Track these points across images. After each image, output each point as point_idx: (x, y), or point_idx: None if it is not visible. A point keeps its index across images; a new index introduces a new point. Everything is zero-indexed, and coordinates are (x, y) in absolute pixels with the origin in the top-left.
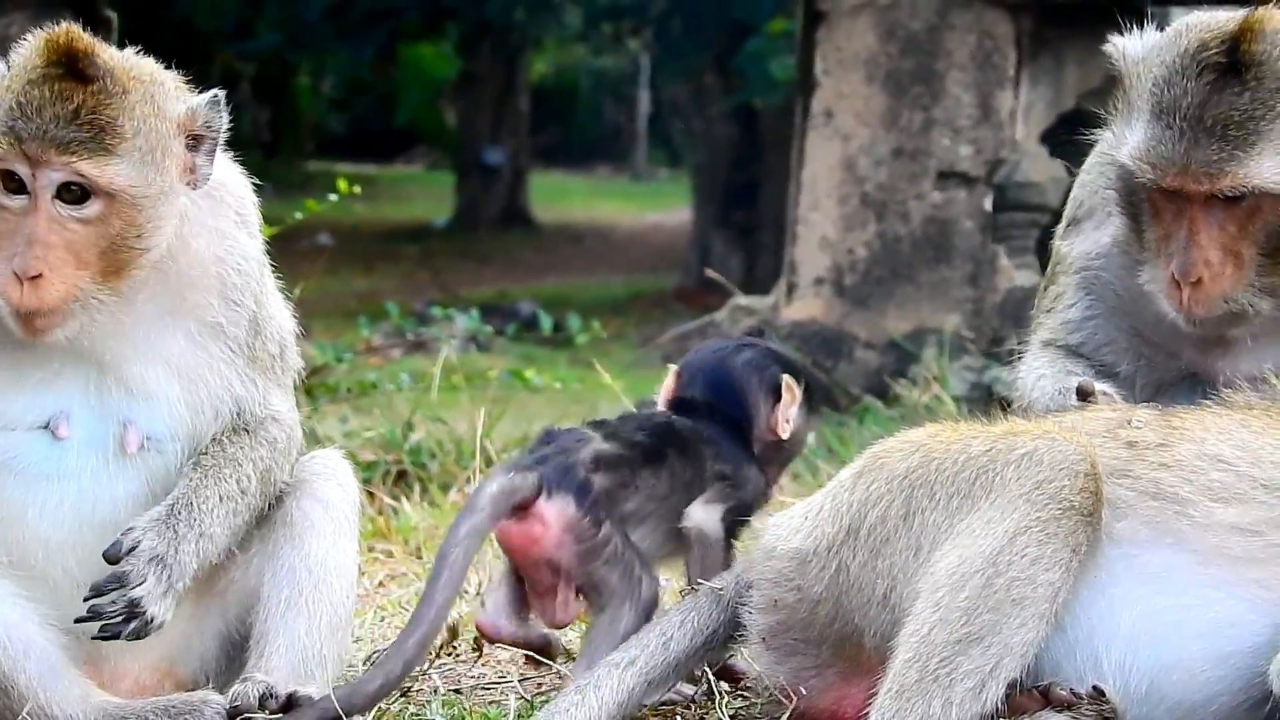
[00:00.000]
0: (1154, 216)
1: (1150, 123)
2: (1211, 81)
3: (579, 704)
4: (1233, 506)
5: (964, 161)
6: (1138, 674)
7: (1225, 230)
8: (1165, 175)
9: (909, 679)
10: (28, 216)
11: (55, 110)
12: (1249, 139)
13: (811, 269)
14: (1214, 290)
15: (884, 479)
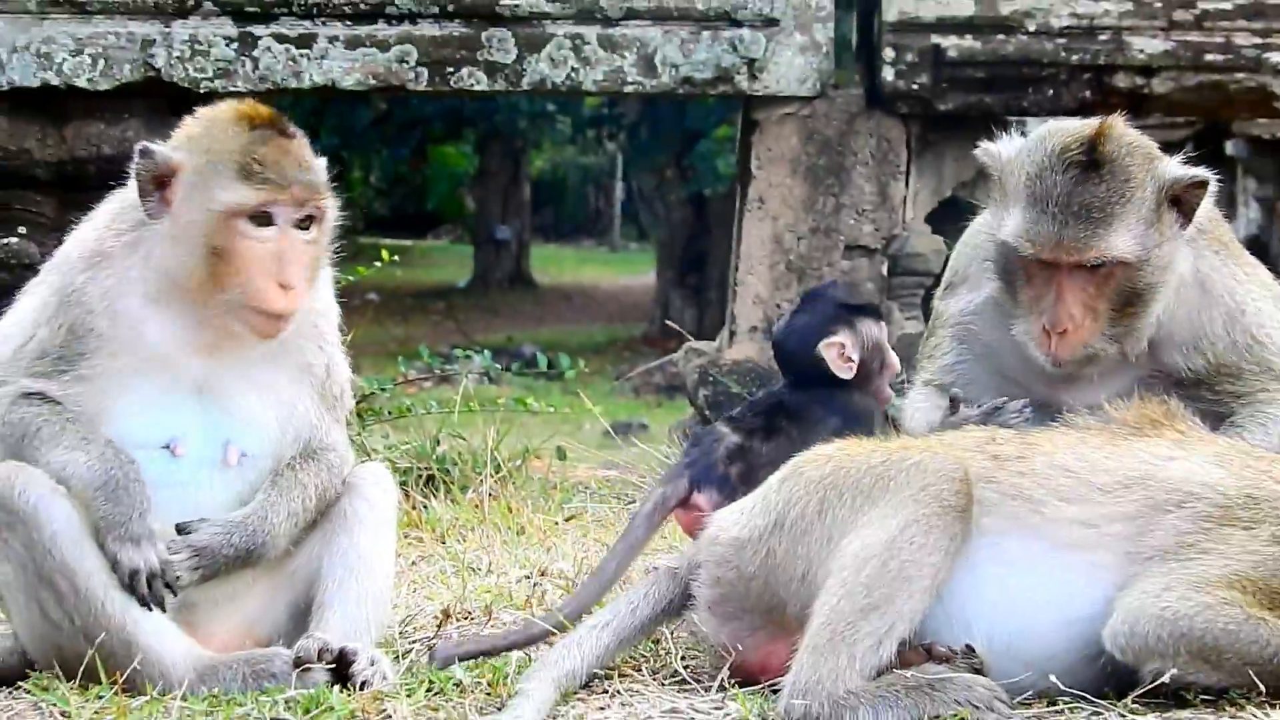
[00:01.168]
0: (1028, 282)
1: (1027, 209)
2: (1076, 176)
3: (566, 657)
4: (1075, 505)
5: (866, 237)
6: (1000, 636)
7: (1086, 291)
8: (1043, 250)
9: (822, 639)
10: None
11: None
12: (1107, 220)
13: (747, 320)
14: (1076, 339)
15: (803, 483)
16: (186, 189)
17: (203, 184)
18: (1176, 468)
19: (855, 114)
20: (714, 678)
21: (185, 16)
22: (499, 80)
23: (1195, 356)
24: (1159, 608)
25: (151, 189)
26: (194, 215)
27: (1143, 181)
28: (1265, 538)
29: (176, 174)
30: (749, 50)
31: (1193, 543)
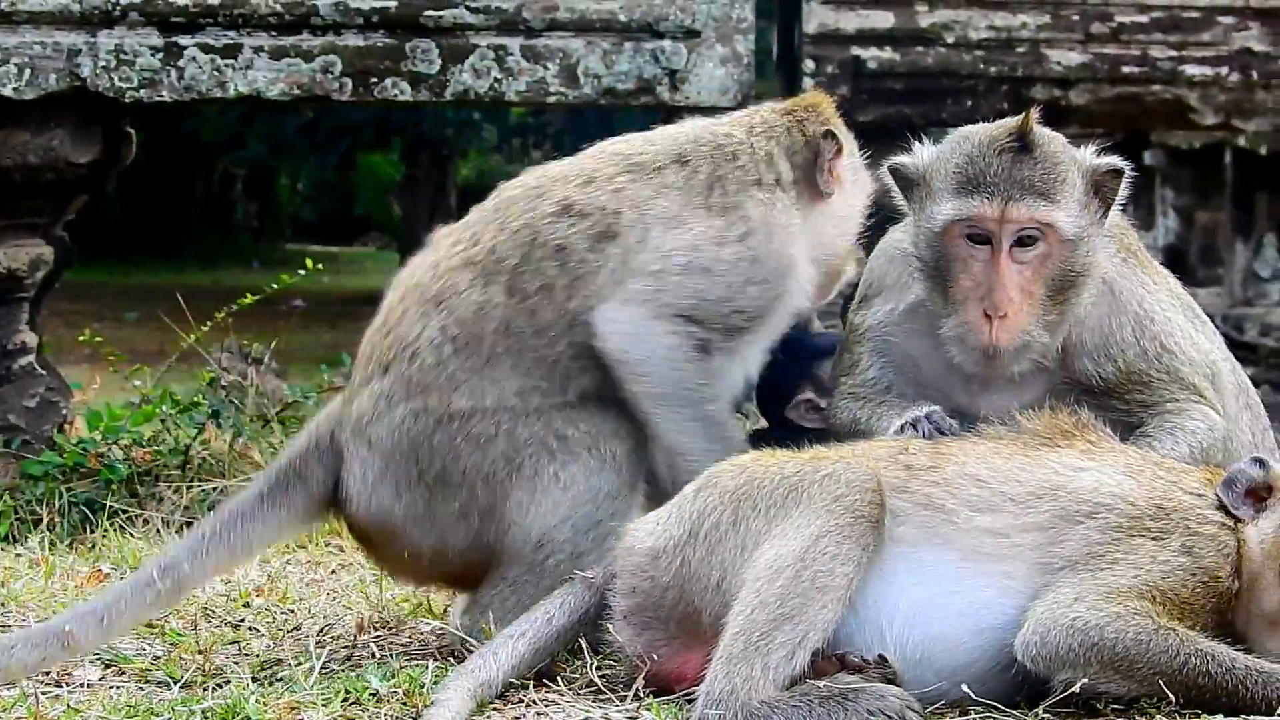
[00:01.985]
0: (964, 270)
1: (962, 190)
2: (1011, 158)
3: (482, 667)
4: (987, 515)
5: None
6: (913, 645)
7: (1023, 274)
8: (988, 213)
9: (736, 648)
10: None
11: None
12: (1050, 193)
13: None
14: (1015, 323)
15: (718, 493)
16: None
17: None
18: (1087, 478)
19: None
20: (629, 687)
21: (111, 26)
22: (423, 91)
23: (1106, 364)
24: (1070, 618)
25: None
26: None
27: (1070, 167)
28: (1174, 548)
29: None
30: (670, 61)
31: (1103, 553)
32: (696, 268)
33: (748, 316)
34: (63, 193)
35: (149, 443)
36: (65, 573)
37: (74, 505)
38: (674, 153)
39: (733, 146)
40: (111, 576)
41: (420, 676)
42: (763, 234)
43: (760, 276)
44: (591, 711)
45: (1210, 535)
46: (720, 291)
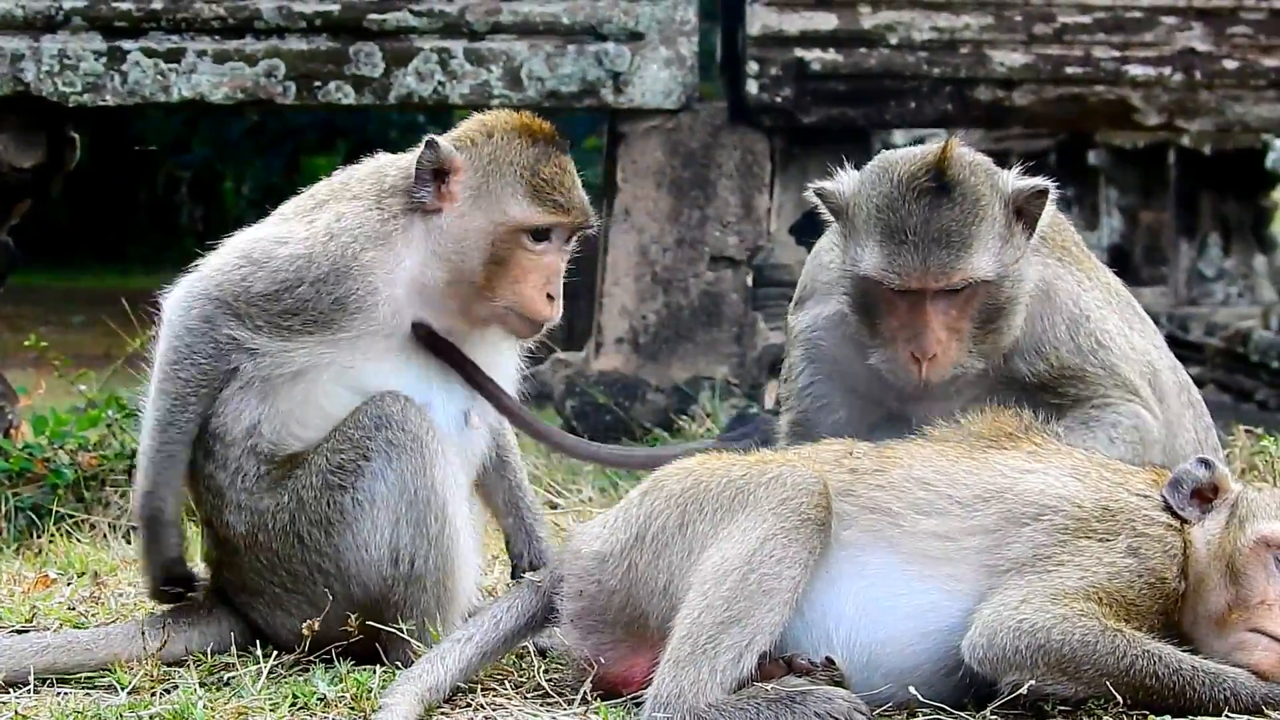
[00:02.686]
0: (890, 312)
1: (884, 242)
2: (928, 202)
3: (429, 671)
4: (932, 518)
5: (731, 249)
6: (860, 648)
7: (949, 315)
8: (910, 280)
9: (683, 652)
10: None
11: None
12: (967, 242)
13: (614, 331)
14: (945, 361)
15: (664, 497)
16: (474, 187)
17: (488, 194)
18: (1033, 481)
19: (719, 127)
20: (577, 690)
21: (54, 31)
22: (366, 94)
23: (1038, 361)
24: (1016, 620)
25: (429, 177)
26: (477, 223)
27: (991, 199)
28: (1121, 549)
29: (456, 171)
30: (614, 64)
31: (1050, 555)
32: (248, 259)
33: (302, 315)
34: (5, 197)
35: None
36: (12, 578)
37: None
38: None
39: (370, 167)
40: (58, 582)
41: (368, 681)
42: (324, 237)
43: (313, 277)
44: (539, 715)
45: (1157, 537)
46: (263, 286)
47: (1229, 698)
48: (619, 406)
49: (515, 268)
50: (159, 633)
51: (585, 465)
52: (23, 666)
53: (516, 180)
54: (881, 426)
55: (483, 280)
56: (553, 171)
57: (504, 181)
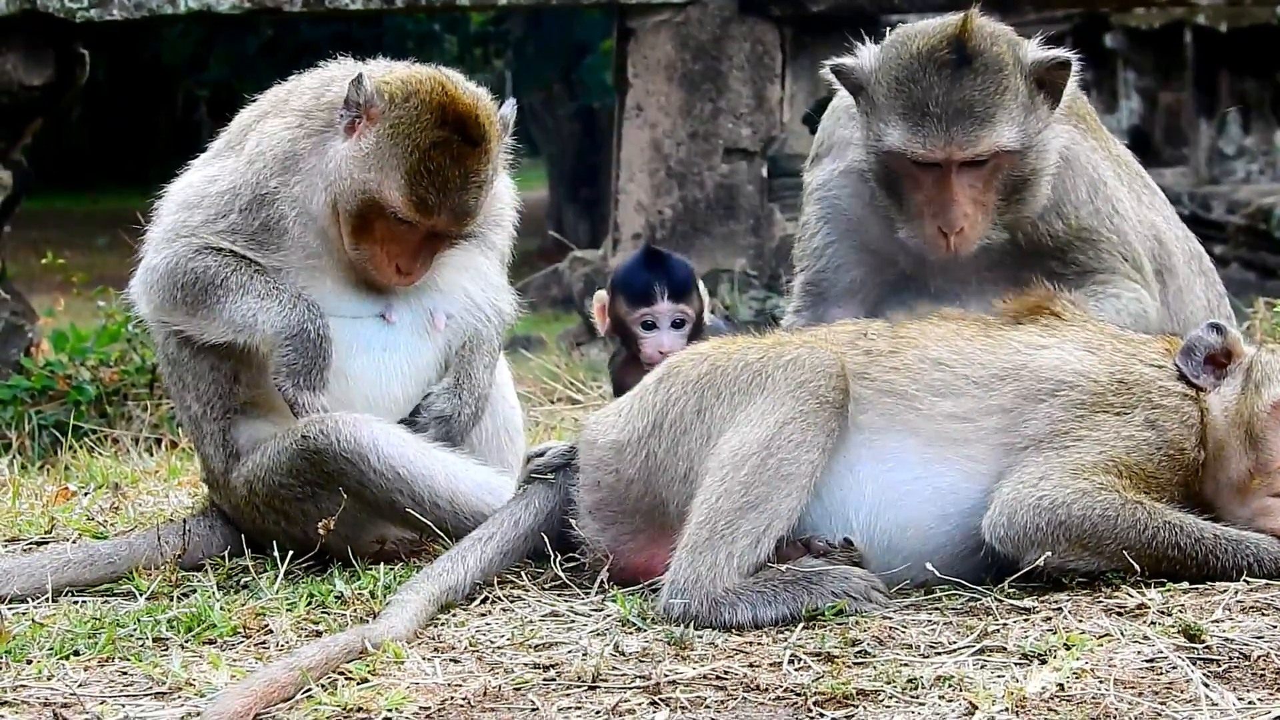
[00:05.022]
0: (915, 187)
1: (907, 116)
2: (950, 74)
3: (449, 570)
4: (949, 399)
5: (744, 140)
6: (880, 532)
7: (974, 187)
8: (935, 152)
9: (700, 537)
10: None
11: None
12: (990, 112)
13: (630, 227)
14: (971, 234)
15: (680, 383)
16: (372, 143)
17: (378, 157)
18: (1048, 356)
19: (729, 19)
20: (594, 581)
21: None
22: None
23: (1057, 221)
24: (1036, 497)
25: (353, 108)
26: (357, 176)
27: (1013, 69)
28: (1138, 422)
29: (370, 118)
30: None
31: (1067, 430)
32: (184, 205)
33: (243, 234)
34: (17, 117)
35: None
36: (34, 493)
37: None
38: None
39: (320, 78)
40: (78, 495)
41: (385, 579)
42: (244, 165)
43: (240, 206)
44: (557, 605)
45: (1173, 407)
46: (201, 218)
47: (1252, 564)
48: None
49: (377, 230)
50: (178, 540)
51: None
52: (43, 582)
53: (403, 159)
54: (896, 285)
55: (348, 228)
56: (440, 164)
57: (393, 153)
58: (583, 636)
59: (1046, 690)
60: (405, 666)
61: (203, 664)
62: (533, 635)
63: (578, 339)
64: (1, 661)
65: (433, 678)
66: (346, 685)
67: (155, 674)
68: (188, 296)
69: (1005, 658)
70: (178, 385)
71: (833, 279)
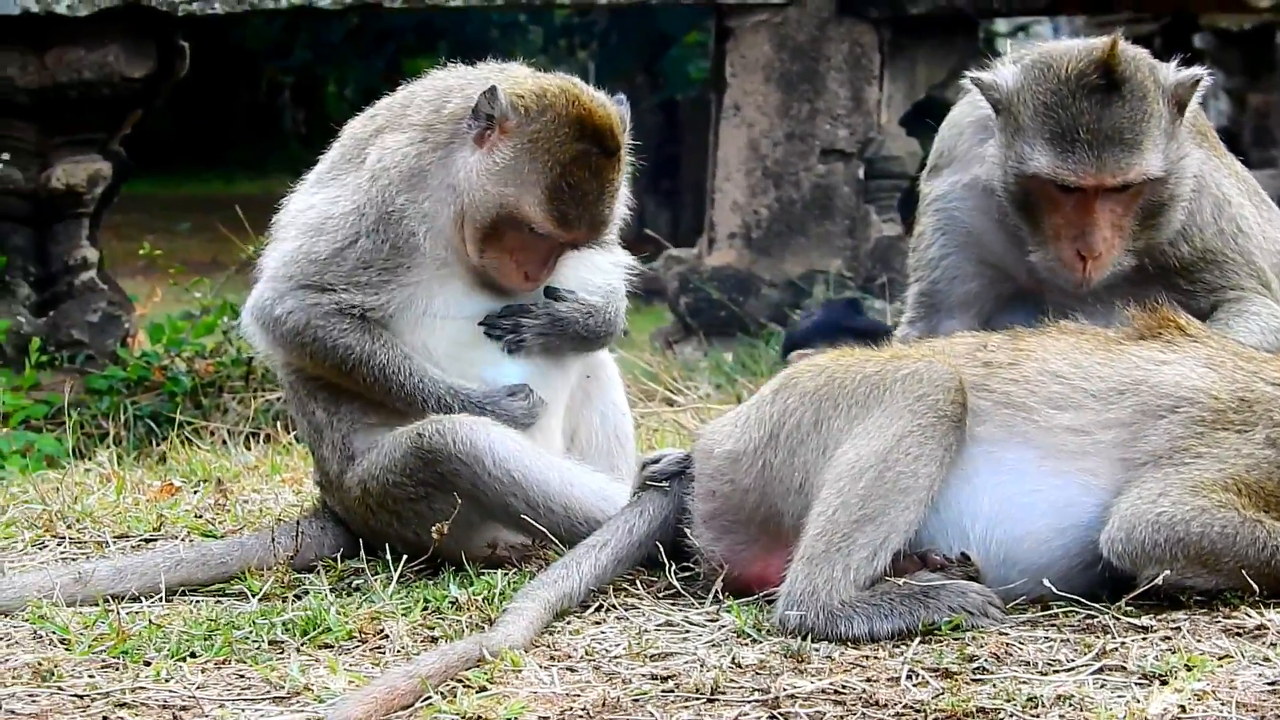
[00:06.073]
0: (1053, 210)
1: (1056, 140)
2: (1099, 100)
3: (564, 577)
4: (1067, 412)
5: (841, 141)
6: (996, 544)
7: (1114, 212)
8: (1084, 179)
9: (818, 549)
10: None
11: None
12: (1138, 140)
13: (726, 227)
14: (1108, 259)
15: (798, 394)
16: (508, 157)
17: (515, 171)
18: (1168, 372)
19: (827, 20)
20: (708, 591)
21: None
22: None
23: (1182, 243)
24: (1155, 513)
25: (484, 119)
26: (491, 190)
27: (1155, 94)
28: (1259, 440)
29: (503, 130)
30: None
31: (1186, 447)
32: (307, 230)
33: (374, 266)
34: (118, 108)
35: (211, 354)
36: (136, 486)
37: (139, 419)
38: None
39: (437, 89)
40: (183, 490)
41: (499, 584)
42: (368, 182)
43: (367, 228)
44: (671, 615)
45: None
46: (327, 249)
47: None
48: (732, 302)
49: (508, 240)
50: (291, 541)
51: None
52: (156, 581)
53: (542, 174)
54: (1011, 299)
55: (476, 237)
56: (580, 178)
57: (531, 168)
58: (699, 647)
59: (1168, 712)
60: (523, 675)
61: (320, 668)
62: (648, 645)
63: (670, 337)
64: (120, 662)
65: (550, 687)
66: (465, 693)
67: (273, 678)
68: (327, 362)
69: (1125, 677)
70: (302, 394)
71: (947, 290)
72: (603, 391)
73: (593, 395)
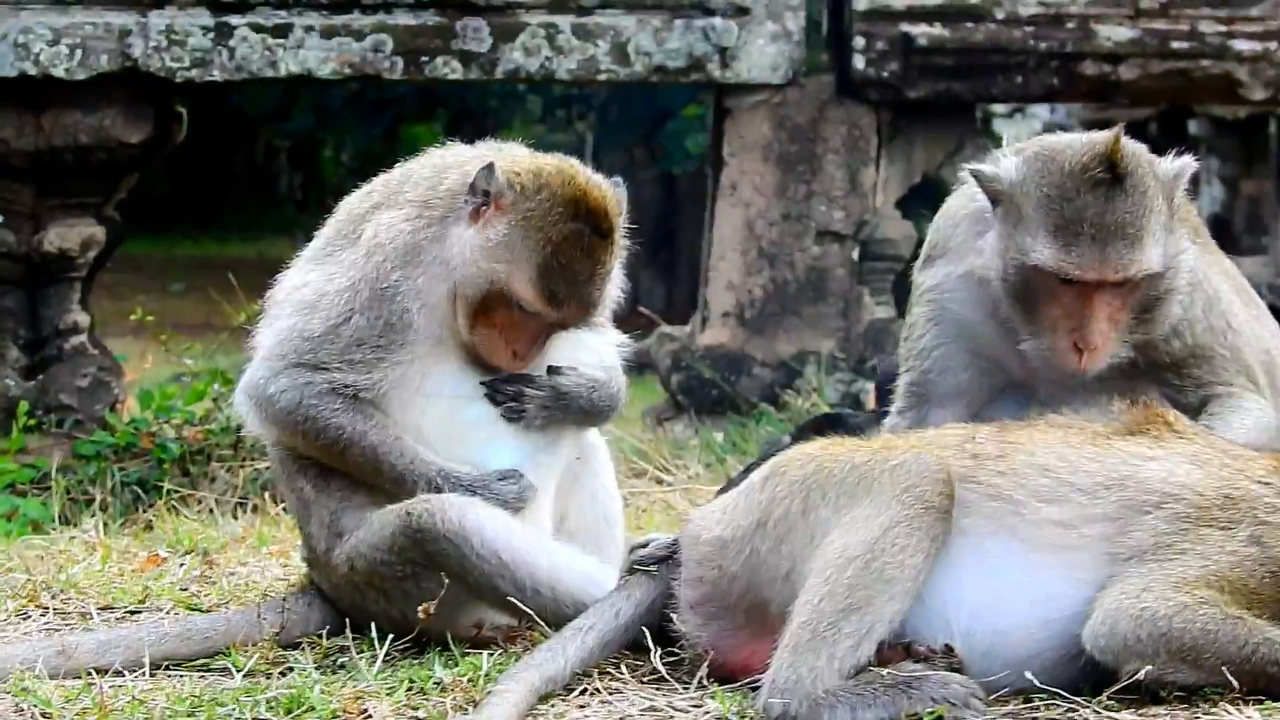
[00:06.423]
0: (1051, 303)
1: (1058, 233)
2: (1104, 193)
3: (550, 660)
4: (1054, 506)
5: (837, 223)
6: (980, 636)
7: (1112, 305)
8: (1086, 273)
9: (802, 638)
10: None
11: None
12: (1140, 235)
13: (720, 305)
14: (1104, 352)
15: (786, 483)
16: (501, 234)
17: (508, 248)
18: (1155, 468)
19: (826, 101)
20: (693, 676)
21: (162, 7)
22: (474, 69)
23: (1174, 339)
24: (1138, 608)
25: (480, 195)
26: (484, 266)
27: (1155, 189)
28: (1242, 538)
29: (499, 207)
30: (721, 39)
31: (1171, 543)
32: (300, 306)
33: (368, 344)
34: (114, 172)
35: (201, 422)
36: (122, 555)
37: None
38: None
39: (434, 165)
40: (169, 560)
41: (484, 665)
42: (363, 258)
43: (360, 304)
44: (655, 700)
45: (1278, 524)
46: (321, 326)
47: None
48: (725, 381)
49: (498, 317)
50: (276, 617)
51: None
52: (140, 655)
53: (534, 252)
54: (1003, 392)
55: (467, 312)
56: (571, 258)
57: (524, 246)
58: None
59: None
60: None
61: None
62: None
63: (661, 415)
64: None
65: None
66: None
67: None
68: (319, 442)
69: None
70: (291, 470)
71: (938, 381)
72: (593, 474)
73: (582, 478)
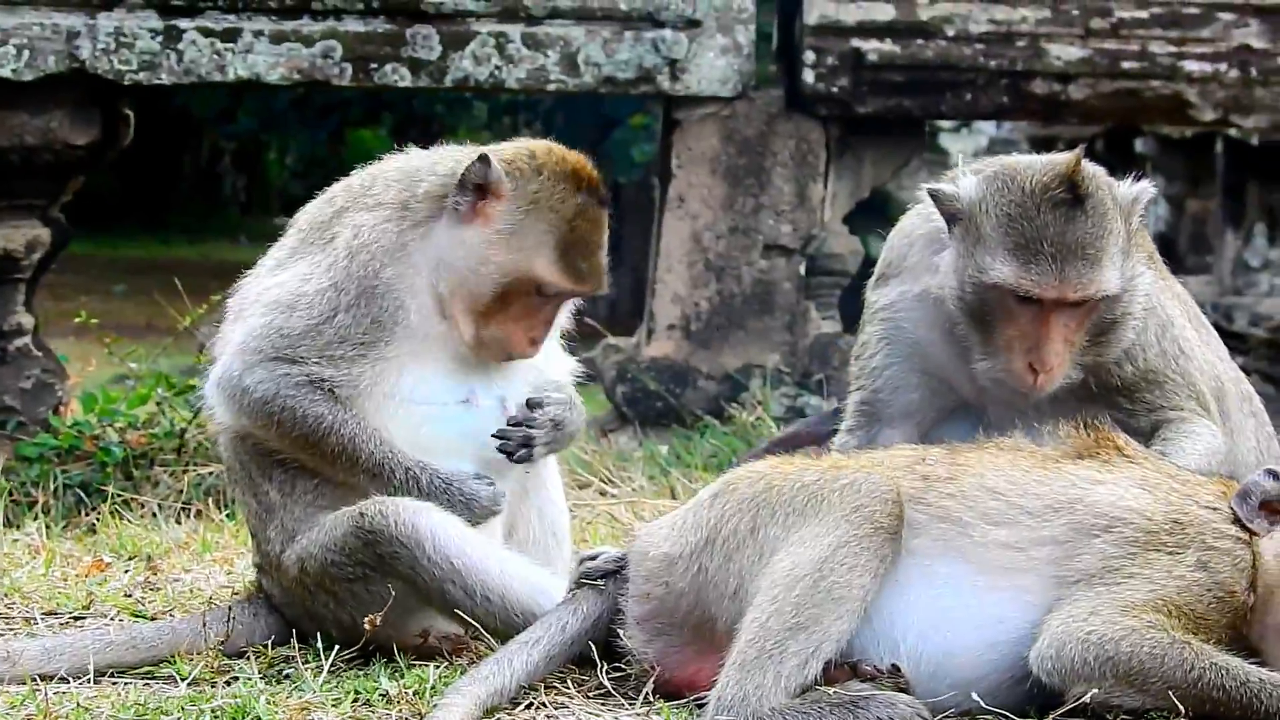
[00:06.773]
0: (1007, 322)
1: (1017, 252)
2: (1064, 214)
3: (496, 673)
4: (1003, 528)
5: (784, 237)
6: (927, 657)
7: (1068, 326)
8: (1046, 292)
9: (749, 655)
10: None
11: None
12: (1099, 256)
13: (665, 317)
14: (1058, 372)
15: (735, 500)
16: (509, 223)
17: (520, 235)
18: (1103, 492)
19: (775, 115)
20: (639, 692)
21: (110, 9)
22: (423, 77)
23: (1126, 362)
24: (1085, 631)
25: (472, 191)
26: (500, 259)
27: (1114, 211)
28: (1190, 563)
29: (498, 197)
30: (671, 51)
31: (1119, 567)
32: (278, 307)
33: (349, 341)
34: (60, 174)
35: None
36: (65, 560)
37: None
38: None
39: (403, 169)
40: (113, 566)
41: (430, 678)
42: (345, 259)
43: (346, 304)
44: (602, 715)
45: (1226, 550)
46: (302, 324)
47: None
48: (670, 393)
49: (515, 308)
50: (222, 625)
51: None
52: (85, 662)
53: (550, 232)
54: (954, 412)
55: (478, 310)
56: (586, 230)
57: (539, 229)
58: None
59: None
60: None
61: None
62: None
63: (606, 426)
64: None
65: None
66: None
67: None
68: (295, 431)
69: None
70: (254, 473)
71: (889, 400)
72: (541, 487)
73: (530, 491)
